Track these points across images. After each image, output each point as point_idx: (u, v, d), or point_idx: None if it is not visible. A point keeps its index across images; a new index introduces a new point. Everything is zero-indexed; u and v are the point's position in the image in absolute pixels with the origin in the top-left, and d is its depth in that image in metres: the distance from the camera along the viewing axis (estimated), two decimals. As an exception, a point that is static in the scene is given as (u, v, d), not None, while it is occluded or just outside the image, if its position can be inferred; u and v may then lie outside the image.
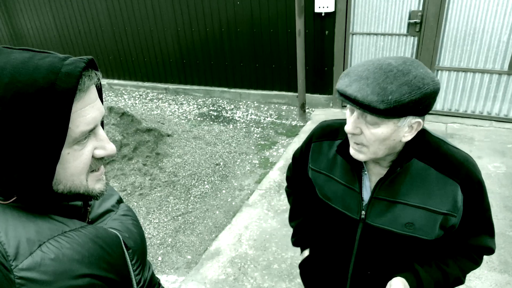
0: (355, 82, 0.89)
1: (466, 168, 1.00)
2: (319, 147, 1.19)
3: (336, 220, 1.17)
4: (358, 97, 0.86)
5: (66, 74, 0.59)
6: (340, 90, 0.91)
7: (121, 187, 3.69)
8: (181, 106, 5.78)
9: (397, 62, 0.89)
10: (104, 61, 6.72)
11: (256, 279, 2.57)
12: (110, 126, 4.20)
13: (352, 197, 1.11)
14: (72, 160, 0.65)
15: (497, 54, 4.22)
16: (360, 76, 0.89)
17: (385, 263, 1.14)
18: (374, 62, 0.91)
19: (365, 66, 0.91)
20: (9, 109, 0.56)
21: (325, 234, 1.25)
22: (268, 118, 5.19)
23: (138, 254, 0.82)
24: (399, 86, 0.85)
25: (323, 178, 1.18)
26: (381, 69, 0.88)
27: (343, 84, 0.91)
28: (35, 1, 6.67)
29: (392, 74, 0.87)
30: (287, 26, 5.04)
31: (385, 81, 0.86)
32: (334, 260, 1.24)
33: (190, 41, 5.79)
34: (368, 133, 0.93)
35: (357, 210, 1.10)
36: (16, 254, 0.60)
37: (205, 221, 3.20)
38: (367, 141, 0.95)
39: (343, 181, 1.12)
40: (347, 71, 0.94)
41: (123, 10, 6.02)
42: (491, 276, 2.47)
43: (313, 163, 1.21)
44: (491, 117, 4.52)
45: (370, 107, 0.86)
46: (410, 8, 4.40)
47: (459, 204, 1.00)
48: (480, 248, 1.10)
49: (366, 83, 0.87)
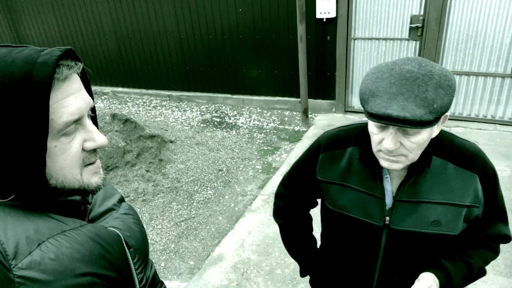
0: (391, 100, 0.84)
1: (482, 158, 1.02)
2: (329, 157, 1.13)
3: (356, 230, 1.11)
4: (408, 116, 0.82)
5: (41, 63, 0.60)
6: (382, 114, 0.84)
7: (124, 193, 3.69)
8: (184, 113, 5.80)
9: (413, 66, 0.87)
10: (108, 69, 6.78)
11: (259, 284, 2.55)
12: (113, 132, 4.22)
13: (374, 203, 1.06)
14: (59, 153, 0.65)
15: (500, 58, 4.21)
16: (391, 93, 0.85)
17: (411, 266, 1.11)
18: (393, 72, 0.88)
19: (386, 81, 0.87)
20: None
21: (344, 246, 1.19)
22: (271, 123, 5.20)
23: (139, 253, 0.81)
24: (435, 91, 0.84)
25: (337, 188, 1.12)
26: (406, 79, 0.85)
27: (379, 107, 0.85)
28: (40, 8, 6.75)
29: (420, 81, 0.84)
30: (289, 32, 5.07)
31: (420, 90, 0.84)
32: (357, 271, 1.19)
33: (193, 48, 5.83)
34: (408, 143, 0.91)
35: (380, 216, 1.06)
36: (15, 253, 0.60)
37: (208, 227, 3.20)
38: (407, 150, 0.92)
39: (362, 188, 1.08)
40: (370, 91, 0.89)
41: (127, 19, 6.08)
42: (497, 280, 2.44)
43: (322, 174, 1.15)
44: (495, 120, 4.49)
45: (421, 121, 0.82)
46: (411, 12, 4.41)
47: (480, 195, 1.01)
48: (498, 236, 1.09)
49: (404, 98, 0.84)
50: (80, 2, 6.30)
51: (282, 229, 1.40)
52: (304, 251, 1.39)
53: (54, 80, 0.61)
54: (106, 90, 6.94)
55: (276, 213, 1.38)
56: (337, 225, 1.18)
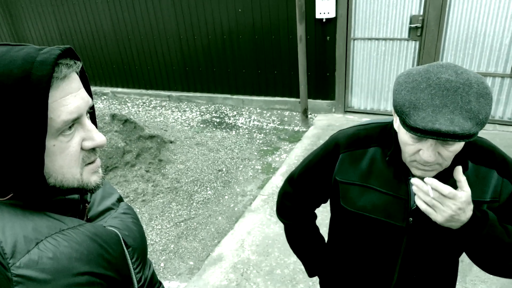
0: (436, 114, 0.82)
1: (498, 153, 1.03)
2: (349, 157, 1.10)
3: (378, 231, 1.10)
4: (458, 131, 0.79)
5: (40, 62, 0.60)
6: (429, 129, 0.81)
7: (123, 193, 3.69)
8: (184, 113, 5.80)
9: (450, 75, 0.85)
10: (108, 70, 6.78)
11: (258, 284, 2.55)
12: (113, 133, 4.22)
13: (397, 204, 1.05)
14: (58, 152, 0.65)
15: (499, 58, 4.21)
16: (434, 105, 0.83)
17: (431, 264, 1.11)
18: (428, 83, 0.86)
19: (425, 92, 0.85)
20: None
21: (362, 247, 1.18)
22: (270, 124, 5.20)
23: (138, 252, 0.81)
24: (477, 102, 0.83)
25: (358, 189, 1.09)
26: (447, 89, 0.83)
27: (425, 121, 0.82)
28: (39, 9, 6.76)
29: (461, 90, 0.83)
30: (289, 33, 5.07)
31: (463, 101, 0.82)
32: (376, 270, 1.17)
33: (193, 49, 5.83)
34: (446, 152, 0.89)
35: (402, 217, 1.05)
36: (13, 252, 0.59)
37: (208, 227, 3.19)
38: (443, 159, 0.92)
39: (385, 189, 1.06)
40: (410, 103, 0.86)
41: (126, 19, 6.09)
42: (497, 280, 2.43)
43: (342, 175, 1.11)
44: (495, 120, 4.49)
45: (470, 135, 0.81)
46: (410, 12, 4.41)
47: (498, 189, 1.01)
48: None
49: (450, 111, 0.82)
50: (80, 2, 6.30)
51: (289, 229, 1.38)
52: (313, 251, 1.38)
53: (53, 79, 0.61)
54: (105, 90, 6.94)
55: (282, 213, 1.34)
56: (355, 227, 1.16)
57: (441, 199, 0.89)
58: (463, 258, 2.60)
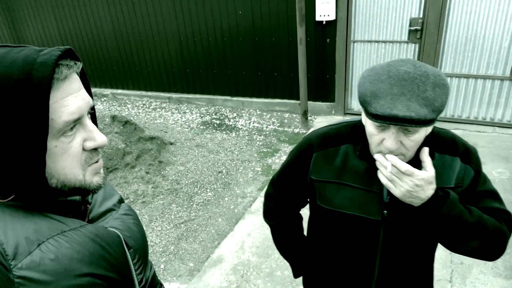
0: (396, 102, 0.88)
1: (459, 142, 1.09)
2: (323, 156, 1.14)
3: (355, 227, 1.13)
4: (413, 116, 0.85)
5: (41, 63, 0.60)
6: (388, 115, 0.87)
7: (124, 195, 3.69)
8: (184, 115, 5.81)
9: (409, 68, 0.91)
10: (108, 71, 6.79)
11: (258, 286, 2.55)
12: (113, 134, 4.23)
13: (371, 199, 1.08)
14: (60, 153, 0.65)
15: (499, 60, 4.22)
16: (393, 93, 0.89)
17: (410, 255, 1.14)
18: (390, 73, 0.91)
19: (385, 83, 0.91)
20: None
21: (341, 244, 1.20)
22: (270, 125, 5.20)
23: (139, 254, 0.81)
24: (433, 91, 0.88)
25: (334, 187, 1.12)
26: (405, 79, 0.89)
27: (384, 108, 0.88)
28: (40, 10, 6.77)
29: (418, 81, 0.89)
30: (289, 35, 5.08)
31: (419, 90, 0.88)
32: (357, 266, 1.19)
33: (193, 51, 5.84)
34: (408, 141, 0.94)
35: (377, 210, 1.08)
36: (15, 254, 0.60)
37: (208, 229, 3.19)
38: (406, 149, 0.96)
39: (359, 185, 1.09)
40: (372, 93, 0.92)
41: (127, 21, 6.10)
42: (497, 282, 2.43)
43: (317, 174, 1.15)
44: (494, 123, 4.50)
45: (425, 120, 0.86)
46: (410, 15, 4.42)
47: (461, 175, 1.07)
48: (495, 210, 1.08)
49: (407, 98, 0.87)
50: (80, 3, 6.31)
51: (273, 230, 1.42)
52: (296, 252, 1.41)
53: (53, 80, 0.61)
54: (105, 92, 6.94)
55: (266, 214, 1.38)
56: (332, 225, 1.19)
57: (400, 175, 0.96)
58: (463, 260, 2.60)
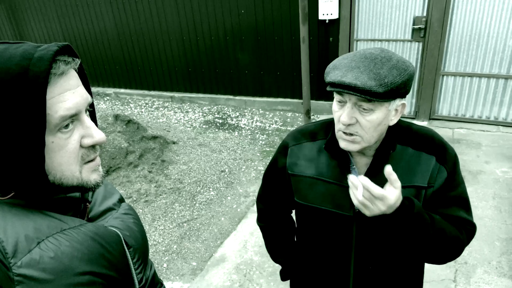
0: (348, 72, 0.93)
1: (438, 140, 1.09)
2: (298, 150, 1.16)
3: (328, 223, 1.13)
4: (358, 84, 0.90)
5: (38, 58, 0.60)
6: (336, 81, 0.93)
7: (126, 194, 3.70)
8: (186, 114, 5.81)
9: (376, 51, 0.96)
10: (111, 71, 6.81)
11: (261, 285, 2.54)
12: (116, 133, 4.23)
13: (343, 194, 1.07)
14: (57, 149, 0.65)
15: (503, 59, 4.19)
16: (350, 66, 0.94)
17: (385, 253, 1.13)
18: (356, 53, 0.98)
19: (349, 59, 0.97)
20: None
21: (318, 241, 1.20)
22: (273, 125, 5.20)
23: (139, 253, 0.81)
24: (389, 70, 0.92)
25: (308, 181, 1.13)
26: (367, 58, 0.94)
27: (336, 76, 0.94)
28: (43, 10, 6.79)
29: (378, 60, 0.93)
30: (292, 34, 5.07)
31: (376, 67, 0.92)
32: (333, 264, 1.19)
33: (195, 50, 5.84)
34: (363, 121, 0.96)
35: (349, 206, 1.08)
36: (14, 252, 0.59)
37: (211, 228, 3.19)
38: (362, 129, 0.98)
39: (332, 179, 1.10)
40: (333, 65, 0.99)
41: (130, 20, 6.11)
42: (501, 282, 2.42)
43: (292, 168, 1.16)
44: (498, 122, 4.47)
45: (371, 92, 0.90)
46: (414, 14, 4.40)
47: (434, 175, 1.06)
48: (457, 219, 1.08)
49: (359, 71, 0.92)
50: (83, 3, 6.33)
51: (263, 232, 1.42)
52: (283, 254, 1.40)
53: (50, 75, 0.61)
54: (108, 91, 6.96)
55: (257, 217, 1.41)
56: (309, 221, 1.20)
57: (371, 200, 0.94)
58: (467, 260, 2.59)
